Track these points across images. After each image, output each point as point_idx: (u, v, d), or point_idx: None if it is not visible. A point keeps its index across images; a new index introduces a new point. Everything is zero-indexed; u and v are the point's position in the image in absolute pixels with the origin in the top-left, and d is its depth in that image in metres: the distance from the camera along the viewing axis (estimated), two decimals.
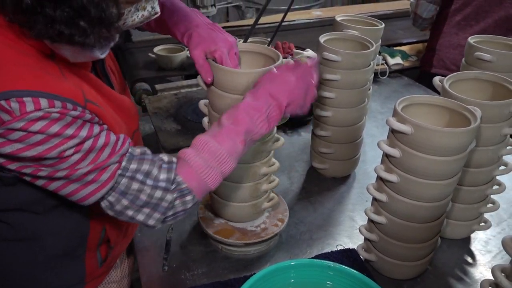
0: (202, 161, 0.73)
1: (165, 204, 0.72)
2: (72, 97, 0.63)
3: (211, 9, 2.16)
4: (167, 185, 0.71)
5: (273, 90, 0.77)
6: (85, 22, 0.59)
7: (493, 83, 0.93)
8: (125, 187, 0.69)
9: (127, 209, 0.71)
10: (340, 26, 1.23)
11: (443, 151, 0.74)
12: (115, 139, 0.69)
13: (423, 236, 0.86)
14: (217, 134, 0.75)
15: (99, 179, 0.67)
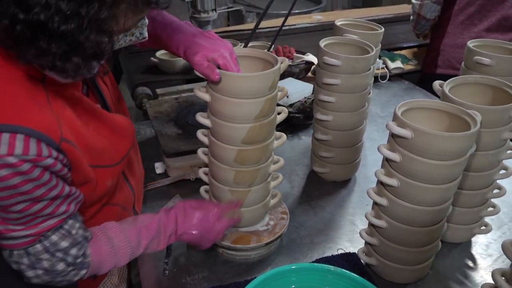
0: (110, 247, 0.78)
1: (60, 273, 0.73)
2: (49, 134, 0.62)
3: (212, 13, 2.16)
4: (72, 261, 0.73)
5: (184, 220, 0.86)
6: (79, 57, 0.58)
7: (493, 87, 0.93)
8: (35, 252, 0.70)
9: (22, 265, 0.71)
10: (340, 30, 1.24)
11: (443, 155, 0.74)
12: (62, 211, 0.69)
13: (423, 240, 0.86)
14: (129, 230, 0.81)
15: (18, 239, 0.68)
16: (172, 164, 1.23)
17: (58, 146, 0.63)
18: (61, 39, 0.55)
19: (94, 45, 0.58)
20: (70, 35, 0.55)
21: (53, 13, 0.53)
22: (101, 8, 0.55)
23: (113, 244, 0.79)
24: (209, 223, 0.88)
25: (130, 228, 0.82)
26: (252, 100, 0.83)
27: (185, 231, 0.86)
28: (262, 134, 0.88)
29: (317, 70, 1.15)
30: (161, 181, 1.23)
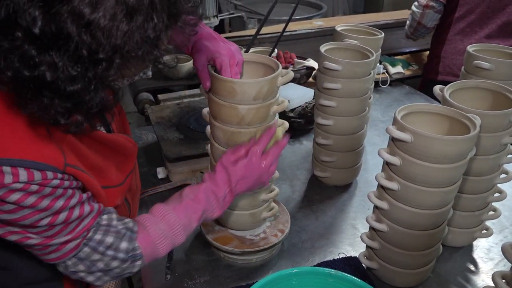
0: (159, 230, 0.77)
1: (117, 270, 0.74)
2: (52, 163, 0.61)
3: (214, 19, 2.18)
4: (125, 256, 0.73)
5: (231, 178, 0.84)
6: (82, 115, 0.58)
7: (494, 92, 0.94)
8: (86, 255, 0.70)
9: (81, 272, 0.72)
10: (341, 35, 1.25)
11: (442, 158, 0.74)
12: (89, 211, 0.70)
13: (424, 243, 0.86)
14: (176, 207, 0.80)
15: (63, 248, 0.68)
16: (174, 169, 1.23)
17: (63, 171, 0.63)
18: (66, 98, 0.54)
19: (99, 103, 0.57)
20: (76, 95, 0.54)
21: (59, 73, 0.51)
22: (109, 70, 0.54)
23: (162, 229, 0.77)
24: (257, 165, 0.86)
25: (176, 205, 0.80)
26: (242, 106, 0.84)
27: (238, 185, 0.85)
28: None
29: (317, 75, 1.16)
30: (163, 186, 1.23)
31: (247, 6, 3.05)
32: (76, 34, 0.49)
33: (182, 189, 0.84)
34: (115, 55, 0.53)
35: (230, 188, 0.84)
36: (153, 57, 0.58)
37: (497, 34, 1.67)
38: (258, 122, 0.87)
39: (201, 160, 1.24)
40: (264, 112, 0.86)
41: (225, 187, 0.84)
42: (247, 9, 3.00)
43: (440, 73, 1.79)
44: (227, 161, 0.85)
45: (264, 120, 0.88)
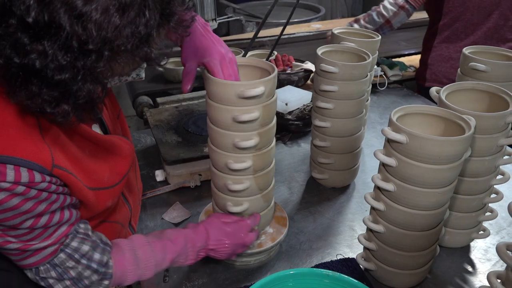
0: (135, 259, 0.79)
1: (86, 281, 0.74)
2: (40, 163, 0.62)
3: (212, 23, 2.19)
4: (98, 267, 0.74)
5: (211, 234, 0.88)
6: (69, 105, 0.58)
7: (490, 93, 0.94)
8: (60, 261, 0.71)
9: (51, 279, 0.72)
10: (338, 38, 1.26)
11: (437, 159, 0.75)
12: (68, 217, 0.70)
13: (421, 244, 0.86)
14: (155, 242, 0.82)
15: (41, 253, 0.69)
16: (172, 171, 1.24)
17: (50, 172, 0.64)
18: (53, 86, 0.55)
19: (86, 95, 0.57)
20: (63, 85, 0.54)
21: (49, 62, 0.52)
22: (98, 62, 0.55)
23: (137, 255, 0.79)
24: (241, 236, 0.91)
25: (155, 240, 0.83)
26: (244, 108, 0.84)
27: (217, 246, 0.89)
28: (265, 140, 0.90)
29: (314, 77, 1.16)
30: (161, 189, 1.24)
31: (245, 10, 3.07)
32: (68, 24, 0.50)
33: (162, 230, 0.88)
34: (105, 47, 0.54)
35: (207, 245, 0.88)
36: (143, 54, 0.59)
37: (482, 41, 1.67)
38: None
39: (199, 162, 1.24)
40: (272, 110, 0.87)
41: (203, 241, 0.88)
42: (246, 12, 3.01)
43: (427, 79, 1.82)
44: (220, 219, 0.92)
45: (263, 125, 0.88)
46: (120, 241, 0.81)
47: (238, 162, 0.88)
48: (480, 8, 1.65)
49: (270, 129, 0.89)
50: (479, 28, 1.68)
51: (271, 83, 0.85)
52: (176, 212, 1.16)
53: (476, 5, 1.65)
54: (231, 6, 3.19)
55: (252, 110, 0.83)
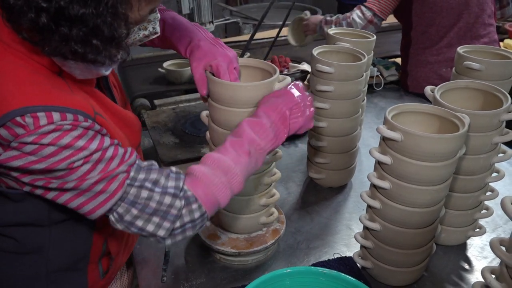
0: (208, 171, 0.74)
1: (174, 211, 0.72)
2: (82, 109, 0.65)
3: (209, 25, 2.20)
4: (175, 191, 0.72)
5: (270, 106, 0.80)
6: (98, 40, 0.62)
7: (484, 92, 0.95)
8: (134, 196, 0.70)
9: (136, 219, 0.71)
10: (333, 39, 1.26)
11: (432, 157, 0.75)
12: (123, 152, 0.71)
13: (417, 241, 0.87)
14: (219, 148, 0.78)
15: (107, 189, 0.68)
16: None
17: (94, 119, 0.67)
18: (80, 22, 0.59)
19: (111, 29, 0.61)
20: (89, 18, 0.59)
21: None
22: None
23: (215, 174, 0.74)
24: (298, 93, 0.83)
25: (219, 148, 0.77)
26: (245, 110, 0.84)
27: (287, 107, 0.80)
28: None
29: (311, 78, 1.17)
30: None
31: (242, 12, 3.08)
32: None
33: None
34: None
35: (278, 114, 0.79)
36: None
37: (456, 41, 1.69)
38: None
39: (196, 163, 1.24)
40: None
41: (270, 116, 0.79)
42: (243, 15, 3.02)
43: (409, 86, 1.85)
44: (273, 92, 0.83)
45: None
46: (187, 169, 0.77)
47: None
48: (449, 10, 1.67)
49: None
50: (451, 30, 1.71)
51: (273, 84, 0.86)
52: None
53: (444, 8, 1.67)
54: (228, 9, 3.21)
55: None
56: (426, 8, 1.69)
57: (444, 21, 1.70)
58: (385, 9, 1.73)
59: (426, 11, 1.70)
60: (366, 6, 1.74)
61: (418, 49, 1.79)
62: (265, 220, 1.00)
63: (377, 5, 1.73)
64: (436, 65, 1.74)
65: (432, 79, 1.75)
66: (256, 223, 1.00)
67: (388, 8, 1.73)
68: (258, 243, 0.99)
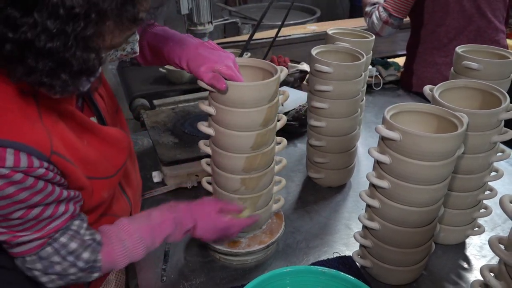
0: (123, 247, 0.80)
1: (72, 277, 0.76)
2: (39, 148, 0.63)
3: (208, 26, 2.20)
4: (84, 265, 0.76)
5: (199, 225, 0.88)
6: (67, 74, 0.60)
7: (482, 91, 0.95)
8: (47, 255, 0.73)
9: (36, 271, 0.73)
10: (332, 39, 1.27)
11: (431, 156, 0.76)
12: (63, 211, 0.71)
13: (416, 240, 0.87)
14: (143, 228, 0.83)
15: (28, 244, 0.70)
16: (169, 172, 1.24)
17: (48, 159, 0.65)
18: (47, 56, 0.56)
19: (80, 62, 0.59)
20: (56, 53, 0.56)
21: (39, 32, 0.54)
22: (86, 26, 0.56)
23: (126, 246, 0.81)
24: (229, 233, 0.92)
25: (143, 226, 0.83)
26: (256, 109, 0.84)
27: (204, 234, 0.89)
28: (269, 139, 0.91)
29: (309, 78, 1.17)
30: (158, 190, 1.24)
31: (241, 12, 3.08)
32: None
33: (149, 210, 0.88)
34: (91, 10, 0.56)
35: (192, 233, 0.89)
36: (131, 15, 0.61)
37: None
38: (267, 122, 0.88)
39: (196, 163, 1.25)
40: (274, 110, 0.88)
41: (189, 226, 0.88)
42: (241, 15, 3.03)
43: (413, 85, 1.84)
44: (202, 216, 0.90)
45: (267, 124, 0.88)
46: (108, 230, 0.81)
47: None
48: (460, 12, 1.66)
49: (272, 129, 0.91)
50: (462, 32, 1.69)
51: (276, 84, 0.86)
52: None
53: (455, 9, 1.66)
54: (227, 9, 3.21)
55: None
56: (437, 7, 1.69)
57: (455, 22, 1.69)
58: (400, 8, 1.71)
59: (437, 10, 1.69)
60: (383, 6, 1.75)
61: (426, 49, 1.78)
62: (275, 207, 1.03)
63: (392, 4, 1.72)
64: (443, 66, 1.73)
65: (438, 81, 1.73)
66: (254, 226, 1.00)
67: (403, 6, 1.71)
68: (256, 243, 0.99)
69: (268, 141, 0.91)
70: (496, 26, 1.69)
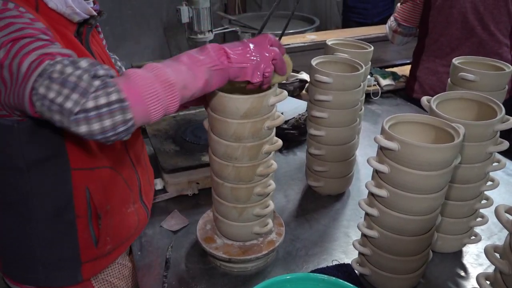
0: (145, 74, 0.68)
1: (83, 84, 0.64)
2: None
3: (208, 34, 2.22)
4: (88, 67, 0.66)
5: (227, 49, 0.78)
6: None
7: (479, 102, 0.97)
8: (50, 71, 0.65)
9: (49, 89, 0.64)
10: (331, 49, 1.29)
11: (428, 166, 0.77)
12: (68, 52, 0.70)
13: (414, 249, 0.89)
14: (163, 62, 0.73)
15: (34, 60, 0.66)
16: (171, 180, 1.26)
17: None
18: None
19: None
20: None
21: None
22: None
23: (150, 76, 0.68)
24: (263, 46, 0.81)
25: (172, 63, 0.72)
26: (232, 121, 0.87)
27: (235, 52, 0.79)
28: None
29: (309, 88, 1.20)
30: (160, 197, 1.26)
31: (241, 21, 3.11)
32: None
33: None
34: None
35: (227, 58, 0.77)
36: None
37: (468, 55, 1.71)
38: (251, 136, 0.89)
39: (197, 171, 1.26)
40: (257, 127, 0.88)
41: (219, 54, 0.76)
42: (241, 23, 3.05)
43: (415, 91, 1.87)
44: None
45: (257, 135, 0.90)
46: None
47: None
48: (463, 22, 1.69)
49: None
50: (464, 43, 1.73)
51: (268, 98, 0.88)
52: (174, 220, 1.18)
53: (459, 20, 1.69)
54: (227, 18, 3.24)
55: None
56: (441, 17, 1.72)
57: (457, 33, 1.72)
58: (408, 17, 1.76)
59: (441, 20, 1.72)
60: (394, 16, 1.80)
61: (430, 57, 1.82)
62: (258, 230, 1.00)
63: (401, 13, 1.78)
64: (445, 75, 1.75)
65: (438, 89, 1.77)
66: (249, 232, 1.00)
67: (410, 15, 1.76)
68: (251, 252, 1.00)
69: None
70: (499, 39, 1.72)
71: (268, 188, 0.98)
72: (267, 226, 1.01)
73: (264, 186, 0.97)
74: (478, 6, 1.66)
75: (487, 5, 1.65)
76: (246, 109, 0.85)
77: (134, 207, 0.99)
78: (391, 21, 1.84)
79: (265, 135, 0.91)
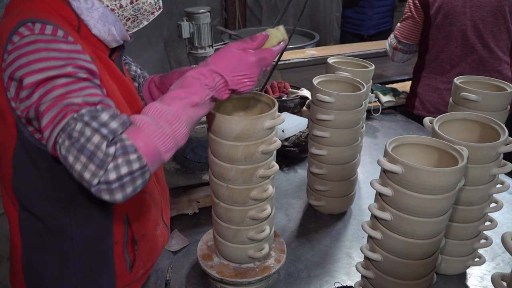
0: (151, 121, 0.69)
1: (100, 154, 0.64)
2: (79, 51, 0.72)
3: (209, 49, 2.23)
4: (108, 133, 0.65)
5: (216, 66, 0.77)
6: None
7: (481, 123, 0.97)
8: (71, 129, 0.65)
9: (68, 152, 0.65)
10: (332, 68, 1.29)
11: (433, 189, 0.77)
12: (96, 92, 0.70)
13: (418, 272, 0.87)
14: (163, 98, 0.73)
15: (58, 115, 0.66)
16: (171, 198, 1.24)
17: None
18: None
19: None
20: None
21: None
22: None
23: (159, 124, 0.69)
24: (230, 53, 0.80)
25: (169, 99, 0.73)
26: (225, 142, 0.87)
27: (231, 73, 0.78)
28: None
29: (311, 106, 1.19)
30: None
31: (241, 36, 3.12)
32: None
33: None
34: None
35: (221, 77, 0.77)
36: None
37: (469, 73, 1.71)
38: (244, 159, 0.88)
39: (197, 189, 1.25)
40: (250, 151, 0.87)
41: (213, 76, 0.76)
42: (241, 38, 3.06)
43: (416, 108, 1.88)
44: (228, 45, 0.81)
45: (250, 159, 0.88)
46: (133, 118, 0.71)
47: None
48: (463, 40, 1.70)
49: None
50: (464, 60, 1.73)
51: (263, 120, 0.87)
52: (174, 240, 1.16)
53: (458, 38, 1.70)
54: (227, 32, 3.25)
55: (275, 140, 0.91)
56: (441, 35, 1.73)
57: (457, 50, 1.72)
58: (408, 35, 1.79)
59: (441, 37, 1.73)
60: (394, 34, 1.82)
61: (430, 74, 1.82)
62: (253, 254, 0.98)
63: (401, 30, 1.81)
64: (445, 92, 1.76)
65: (439, 106, 1.78)
66: (243, 255, 0.99)
67: (411, 33, 1.78)
68: (245, 276, 0.98)
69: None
70: (499, 56, 1.72)
71: (263, 213, 0.95)
72: (262, 251, 0.99)
73: (259, 210, 0.95)
74: (478, 24, 1.66)
75: (487, 23, 1.66)
76: (239, 130, 0.85)
77: (159, 228, 0.98)
78: (391, 38, 1.86)
79: (259, 160, 0.90)
